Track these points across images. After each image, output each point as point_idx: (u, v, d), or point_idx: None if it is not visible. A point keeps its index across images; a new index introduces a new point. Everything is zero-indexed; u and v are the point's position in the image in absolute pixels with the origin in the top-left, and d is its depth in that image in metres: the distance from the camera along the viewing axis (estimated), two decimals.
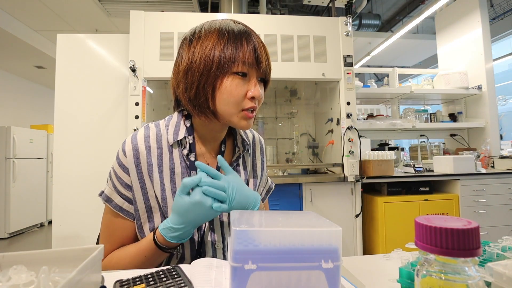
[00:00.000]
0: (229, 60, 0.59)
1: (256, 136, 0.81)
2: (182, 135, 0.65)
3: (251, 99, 0.61)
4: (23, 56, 4.16)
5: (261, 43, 0.63)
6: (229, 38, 0.60)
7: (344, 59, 2.17)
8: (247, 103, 0.61)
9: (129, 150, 0.63)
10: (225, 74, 0.59)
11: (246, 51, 0.60)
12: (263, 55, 0.62)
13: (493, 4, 3.94)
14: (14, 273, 0.33)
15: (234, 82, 0.59)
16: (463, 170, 2.25)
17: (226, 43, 0.60)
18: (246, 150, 0.74)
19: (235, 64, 0.59)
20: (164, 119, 0.70)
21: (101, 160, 2.05)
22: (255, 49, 0.61)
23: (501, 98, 3.49)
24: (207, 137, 0.68)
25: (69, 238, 2.00)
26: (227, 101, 0.60)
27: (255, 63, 0.60)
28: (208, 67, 0.59)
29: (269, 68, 0.64)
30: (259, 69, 0.61)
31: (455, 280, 0.27)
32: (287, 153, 2.67)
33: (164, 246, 0.58)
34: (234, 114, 0.61)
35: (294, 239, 0.36)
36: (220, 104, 0.61)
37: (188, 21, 2.05)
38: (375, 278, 0.51)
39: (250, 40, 0.61)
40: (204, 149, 0.69)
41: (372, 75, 6.63)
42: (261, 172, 0.78)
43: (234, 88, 0.59)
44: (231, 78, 0.59)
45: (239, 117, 0.61)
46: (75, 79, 2.09)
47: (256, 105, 0.62)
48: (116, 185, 0.64)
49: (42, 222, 4.41)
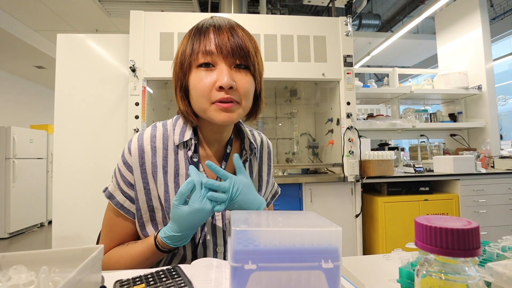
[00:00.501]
0: (188, 55, 0.58)
1: (264, 140, 0.79)
2: (188, 137, 0.64)
3: (219, 89, 0.56)
4: (23, 56, 4.16)
5: (227, 27, 0.58)
6: (189, 36, 0.60)
7: (344, 59, 2.17)
8: (215, 94, 0.56)
9: (134, 149, 0.62)
10: (190, 70, 0.58)
11: (203, 40, 0.57)
12: (226, 38, 0.56)
13: (493, 4, 3.94)
14: (14, 273, 0.33)
15: (198, 76, 0.57)
16: (463, 170, 2.25)
17: (187, 42, 0.60)
18: (254, 154, 0.72)
19: (194, 57, 0.57)
20: (172, 119, 0.69)
21: (101, 160, 2.05)
22: (215, 35, 0.57)
23: (501, 98, 3.49)
24: (210, 139, 0.67)
25: (69, 238, 2.00)
26: (196, 97, 0.58)
27: (216, 49, 0.56)
28: (177, 71, 0.61)
29: (244, 51, 0.58)
30: (224, 56, 0.56)
31: (455, 280, 0.27)
32: (287, 153, 2.67)
33: (166, 249, 0.58)
34: (206, 109, 0.58)
35: (294, 239, 0.36)
36: (193, 103, 0.60)
37: (188, 21, 2.05)
38: (375, 278, 0.51)
39: (210, 30, 0.58)
40: (210, 151, 0.68)
41: (372, 75, 6.63)
42: (267, 177, 0.76)
43: (198, 81, 0.57)
44: (195, 72, 0.58)
45: (213, 111, 0.57)
46: (75, 79, 2.09)
47: (230, 96, 0.56)
48: (119, 182, 0.64)
49: (42, 222, 4.41)
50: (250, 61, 0.59)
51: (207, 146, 0.68)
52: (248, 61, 0.59)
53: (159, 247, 0.58)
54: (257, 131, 0.80)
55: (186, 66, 0.59)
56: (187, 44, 0.59)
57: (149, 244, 0.59)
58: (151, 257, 0.59)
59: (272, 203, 0.83)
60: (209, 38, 0.57)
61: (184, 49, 0.59)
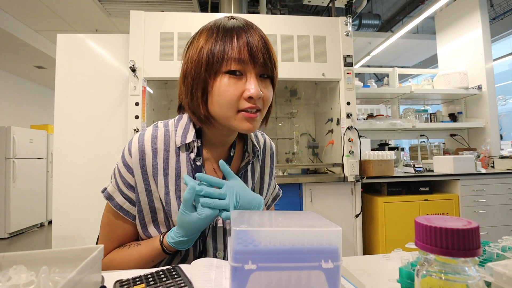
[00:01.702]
0: (218, 59, 0.54)
1: (267, 142, 0.77)
2: (190, 139, 0.62)
3: (249, 99, 0.55)
4: (23, 56, 4.16)
5: (257, 36, 0.57)
6: (217, 36, 0.56)
7: (344, 59, 2.17)
8: (243, 103, 0.55)
9: (135, 151, 0.61)
10: (216, 75, 0.55)
11: (236, 47, 0.54)
12: (259, 49, 0.55)
13: (493, 4, 3.94)
14: (14, 273, 0.33)
15: (226, 82, 0.55)
16: (463, 170, 2.25)
17: (214, 42, 0.56)
18: (256, 157, 0.71)
19: (224, 63, 0.54)
20: (174, 119, 0.67)
21: (101, 160, 2.05)
22: (248, 43, 0.55)
23: (501, 98, 3.49)
24: (215, 142, 0.65)
25: (69, 238, 2.00)
26: (221, 104, 0.55)
27: (249, 58, 0.55)
28: (198, 70, 0.56)
29: (271, 62, 0.58)
30: (256, 65, 0.55)
31: (455, 280, 0.27)
32: (287, 153, 2.67)
33: (171, 252, 0.59)
34: (231, 117, 0.56)
35: (294, 239, 0.36)
36: (215, 108, 0.57)
37: (188, 21, 2.05)
38: (375, 278, 0.51)
39: (241, 34, 0.55)
40: (212, 154, 0.66)
41: (372, 75, 6.63)
42: (269, 179, 0.76)
43: (226, 88, 0.54)
44: (223, 78, 0.55)
45: (238, 120, 0.56)
46: (75, 79, 2.09)
47: (257, 105, 0.56)
48: (119, 184, 0.62)
49: (42, 222, 4.41)
50: (275, 73, 0.60)
51: (209, 149, 0.66)
52: (274, 73, 0.60)
53: (166, 251, 0.58)
54: (260, 132, 0.78)
55: (214, 70, 0.55)
56: (214, 44, 0.55)
57: (154, 247, 0.59)
58: (157, 259, 0.60)
59: (273, 205, 0.82)
60: (243, 45, 0.55)
61: (212, 50, 0.55)
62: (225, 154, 0.68)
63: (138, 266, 0.60)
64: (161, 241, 0.58)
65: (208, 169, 0.66)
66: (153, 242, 0.60)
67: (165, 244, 0.57)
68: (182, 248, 0.57)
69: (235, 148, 0.69)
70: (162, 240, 0.58)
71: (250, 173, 0.70)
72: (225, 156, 0.68)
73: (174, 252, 0.59)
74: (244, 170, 0.69)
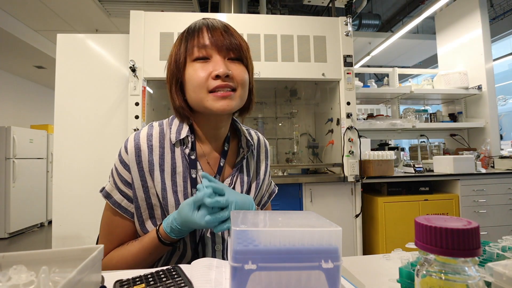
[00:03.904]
0: (184, 51, 0.61)
1: (261, 139, 0.80)
2: (184, 134, 0.65)
3: (216, 78, 0.58)
4: (23, 56, 4.16)
5: (218, 23, 0.62)
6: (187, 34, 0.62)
7: (344, 59, 2.17)
8: (212, 83, 0.58)
9: (131, 148, 0.63)
10: (185, 66, 0.61)
11: (197, 37, 0.60)
12: (219, 32, 0.60)
13: (493, 4, 3.94)
14: (14, 273, 0.33)
15: (194, 68, 0.60)
16: (463, 170, 2.25)
17: (183, 40, 0.62)
18: (251, 152, 0.73)
19: (190, 53, 0.60)
20: (168, 118, 0.70)
21: (101, 160, 2.05)
22: (208, 30, 0.61)
23: (501, 98, 3.49)
24: (208, 136, 0.68)
25: (69, 238, 2.00)
26: (193, 88, 0.60)
27: (210, 42, 0.60)
28: (172, 69, 0.63)
29: (236, 45, 0.61)
30: (219, 48, 0.60)
31: (455, 280, 0.27)
32: (287, 153, 2.67)
33: (168, 241, 0.59)
34: (203, 99, 0.59)
35: (294, 239, 0.36)
36: (189, 95, 0.61)
37: (188, 21, 2.01)
38: (375, 278, 0.51)
39: (203, 28, 0.61)
40: (207, 149, 0.68)
41: (372, 75, 6.63)
42: (264, 175, 0.76)
43: (195, 72, 0.59)
44: (191, 65, 0.60)
45: (211, 100, 0.59)
46: (75, 79, 2.09)
47: (228, 83, 0.59)
48: (116, 181, 0.64)
49: (42, 222, 4.41)
50: (243, 54, 0.63)
51: (204, 144, 0.68)
52: (241, 54, 0.62)
53: (162, 240, 0.58)
54: (253, 130, 0.80)
55: (181, 62, 0.61)
56: (181, 43, 0.63)
57: (151, 238, 0.59)
58: (154, 251, 0.60)
59: (269, 203, 0.83)
60: (203, 34, 0.61)
61: (178, 48, 0.62)
62: (219, 148, 0.70)
63: (137, 260, 0.60)
64: (158, 230, 0.59)
65: (203, 163, 0.67)
66: (149, 234, 0.61)
67: (161, 231, 0.58)
68: (178, 237, 0.58)
69: (229, 143, 0.71)
70: (158, 228, 0.59)
71: (245, 168, 0.71)
72: (219, 151, 0.70)
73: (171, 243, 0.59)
74: (240, 165, 0.70)
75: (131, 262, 0.60)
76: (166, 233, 0.57)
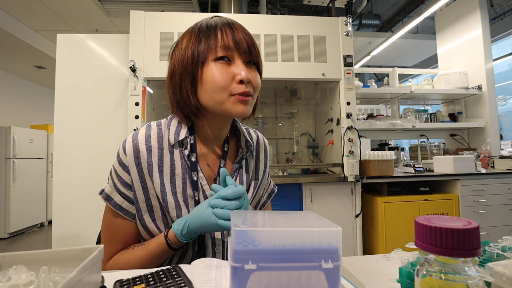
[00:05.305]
0: (204, 50, 0.58)
1: (260, 138, 0.79)
2: (183, 135, 0.63)
3: (240, 83, 0.57)
4: (23, 56, 4.16)
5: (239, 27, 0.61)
6: (200, 32, 0.60)
7: (344, 59, 2.17)
8: (236, 87, 0.57)
9: (129, 149, 0.62)
10: (204, 64, 0.58)
11: (221, 37, 0.58)
12: (242, 36, 0.59)
13: (493, 4, 3.93)
14: (14, 273, 0.33)
15: (217, 67, 0.57)
16: (463, 170, 2.25)
17: (198, 37, 0.60)
18: (250, 152, 0.72)
19: (212, 51, 0.58)
20: (166, 118, 0.69)
21: (101, 160, 2.05)
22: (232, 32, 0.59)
23: (501, 98, 3.49)
24: (208, 137, 0.67)
25: (69, 238, 2.00)
26: (213, 89, 0.57)
27: (234, 45, 0.58)
28: (185, 65, 0.60)
29: (255, 49, 0.61)
30: (241, 52, 0.59)
31: (455, 280, 0.27)
32: (287, 153, 2.67)
33: (176, 246, 0.59)
34: (224, 101, 0.58)
35: (294, 239, 0.36)
36: (205, 95, 0.59)
37: (188, 21, 2.04)
38: (375, 278, 0.51)
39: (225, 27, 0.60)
40: (206, 150, 0.67)
41: (372, 75, 6.63)
42: (263, 175, 0.76)
43: (218, 73, 0.57)
44: (212, 65, 0.58)
45: (232, 103, 0.58)
46: (75, 79, 2.09)
47: (249, 90, 0.58)
48: (116, 183, 0.63)
49: (42, 222, 4.41)
50: (259, 60, 0.64)
51: (203, 145, 0.67)
52: (258, 59, 0.63)
53: (170, 245, 0.59)
54: (253, 129, 0.80)
55: (200, 59, 0.58)
56: (197, 40, 0.59)
57: (159, 243, 0.59)
58: (162, 255, 0.60)
59: (269, 202, 0.83)
60: (227, 34, 0.59)
61: (196, 44, 0.59)
62: (219, 149, 0.69)
63: (143, 265, 0.60)
64: (166, 235, 0.59)
65: (203, 165, 0.66)
66: (157, 239, 0.60)
67: (171, 236, 0.58)
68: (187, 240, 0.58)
69: (229, 144, 0.70)
70: (167, 234, 0.59)
71: (245, 168, 0.71)
72: (219, 152, 0.69)
73: (179, 247, 0.59)
74: (239, 165, 0.70)
75: (138, 267, 0.60)
76: (176, 237, 0.57)
